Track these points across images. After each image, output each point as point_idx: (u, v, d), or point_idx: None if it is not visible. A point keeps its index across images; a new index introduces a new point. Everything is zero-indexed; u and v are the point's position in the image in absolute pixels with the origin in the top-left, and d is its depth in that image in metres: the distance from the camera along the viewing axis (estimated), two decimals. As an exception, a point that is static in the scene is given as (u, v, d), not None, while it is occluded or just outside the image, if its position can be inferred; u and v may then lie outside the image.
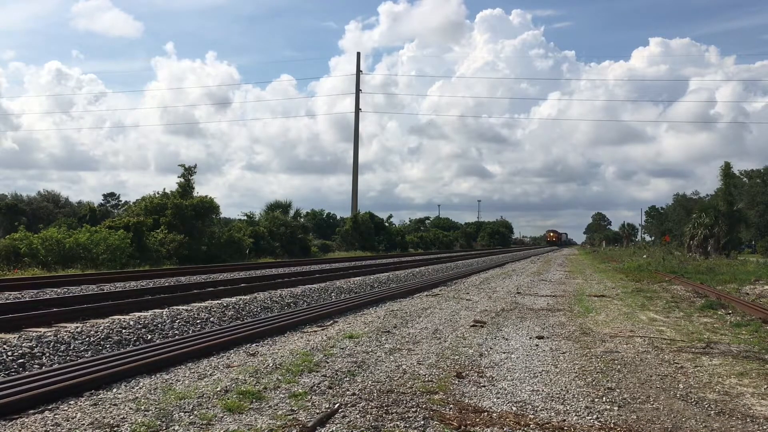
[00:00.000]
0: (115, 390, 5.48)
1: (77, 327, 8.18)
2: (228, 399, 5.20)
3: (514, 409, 5.27)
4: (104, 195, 71.03)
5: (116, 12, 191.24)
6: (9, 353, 6.59)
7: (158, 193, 30.91)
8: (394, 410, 5.04)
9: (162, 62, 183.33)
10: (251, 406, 5.07)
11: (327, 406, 5.10)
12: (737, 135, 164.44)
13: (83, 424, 4.52)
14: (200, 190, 31.46)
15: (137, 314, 9.61)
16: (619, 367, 6.98)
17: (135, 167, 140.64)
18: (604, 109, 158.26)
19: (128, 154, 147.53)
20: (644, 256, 40.60)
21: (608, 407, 5.38)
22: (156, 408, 4.91)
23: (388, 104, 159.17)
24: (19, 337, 7.33)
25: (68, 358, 6.86)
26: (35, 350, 6.87)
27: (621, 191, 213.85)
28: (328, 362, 6.71)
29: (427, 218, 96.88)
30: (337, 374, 6.18)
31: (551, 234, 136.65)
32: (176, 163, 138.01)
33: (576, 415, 5.12)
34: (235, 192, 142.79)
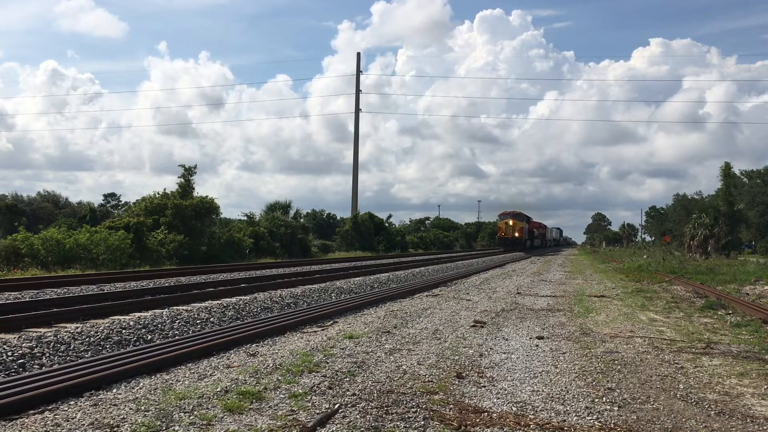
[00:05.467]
0: (115, 390, 5.48)
1: (77, 327, 8.18)
2: (228, 399, 5.20)
3: (514, 409, 5.27)
4: (104, 195, 71.10)
5: (103, 12, 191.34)
6: (9, 353, 6.59)
7: (158, 194, 30.93)
8: (394, 410, 5.04)
9: (155, 62, 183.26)
10: (251, 406, 5.07)
11: (327, 406, 5.10)
12: (740, 135, 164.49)
13: (83, 424, 4.52)
14: (198, 190, 31.43)
15: (137, 314, 9.61)
16: (619, 367, 6.98)
17: (130, 167, 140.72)
18: (608, 109, 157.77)
19: (123, 154, 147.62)
20: (644, 257, 40.61)
21: (608, 407, 5.38)
22: (156, 408, 4.91)
23: (383, 104, 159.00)
24: (19, 337, 7.33)
25: (68, 358, 6.86)
26: (35, 350, 6.87)
27: (620, 191, 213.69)
28: (328, 362, 6.71)
29: (427, 218, 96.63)
30: (337, 374, 6.18)
31: (510, 222, 61.03)
32: (172, 163, 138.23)
33: (576, 416, 5.12)
34: (232, 192, 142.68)
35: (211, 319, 9.75)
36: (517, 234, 60.13)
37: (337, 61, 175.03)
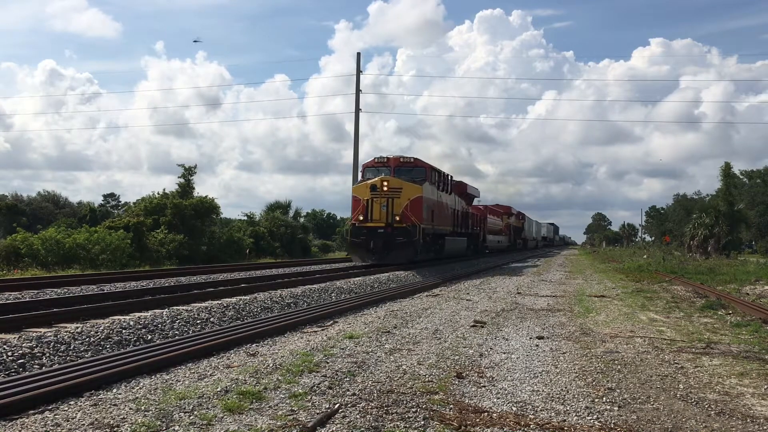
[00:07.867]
0: (115, 390, 5.48)
1: (77, 327, 8.17)
2: (228, 399, 5.20)
3: (515, 409, 5.26)
4: (104, 195, 71.21)
5: (96, 12, 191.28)
6: (9, 353, 6.58)
7: (158, 194, 30.97)
8: (395, 410, 5.04)
9: (152, 62, 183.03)
10: (251, 406, 5.06)
11: (327, 406, 5.10)
12: (737, 135, 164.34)
13: (83, 424, 4.52)
14: (197, 190, 31.47)
15: (137, 314, 9.60)
16: (619, 367, 6.98)
17: (128, 167, 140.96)
18: (607, 109, 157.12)
19: (121, 154, 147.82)
20: (644, 257, 40.58)
21: (608, 407, 5.38)
22: (156, 408, 4.91)
23: (380, 104, 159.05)
24: (19, 337, 7.32)
25: (68, 358, 6.85)
26: (35, 350, 6.86)
27: (618, 191, 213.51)
28: (328, 362, 6.71)
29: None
30: (337, 374, 6.18)
31: (384, 187, 20.61)
32: (170, 163, 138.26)
33: (576, 416, 5.12)
34: (231, 192, 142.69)
35: (211, 319, 9.74)
36: (397, 218, 21.09)
37: (334, 60, 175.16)
